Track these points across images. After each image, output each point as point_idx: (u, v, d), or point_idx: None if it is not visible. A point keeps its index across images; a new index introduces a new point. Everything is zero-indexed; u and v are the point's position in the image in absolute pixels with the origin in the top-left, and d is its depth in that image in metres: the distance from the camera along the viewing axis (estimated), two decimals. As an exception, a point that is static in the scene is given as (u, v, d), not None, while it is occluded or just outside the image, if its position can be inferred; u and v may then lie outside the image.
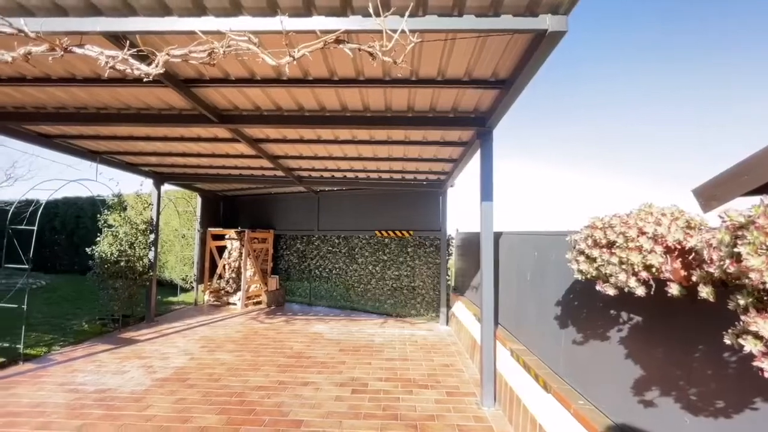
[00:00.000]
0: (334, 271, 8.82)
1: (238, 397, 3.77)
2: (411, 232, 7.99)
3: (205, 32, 2.15)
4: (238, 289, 8.71)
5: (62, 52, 2.27)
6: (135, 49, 2.24)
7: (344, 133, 4.39)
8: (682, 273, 1.45)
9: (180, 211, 9.53)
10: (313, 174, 6.73)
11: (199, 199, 8.90)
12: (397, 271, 8.21)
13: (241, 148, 5.12)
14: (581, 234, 1.84)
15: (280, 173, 6.58)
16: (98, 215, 6.74)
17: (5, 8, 2.20)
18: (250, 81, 3.07)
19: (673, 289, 1.42)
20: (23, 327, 4.92)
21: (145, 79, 2.35)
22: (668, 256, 1.49)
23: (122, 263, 6.29)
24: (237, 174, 6.80)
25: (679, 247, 1.49)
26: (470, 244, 6.04)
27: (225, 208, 9.65)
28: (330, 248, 8.90)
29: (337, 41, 2.21)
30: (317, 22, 2.16)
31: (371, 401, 3.76)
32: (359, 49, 2.22)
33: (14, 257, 5.49)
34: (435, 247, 7.97)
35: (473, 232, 5.78)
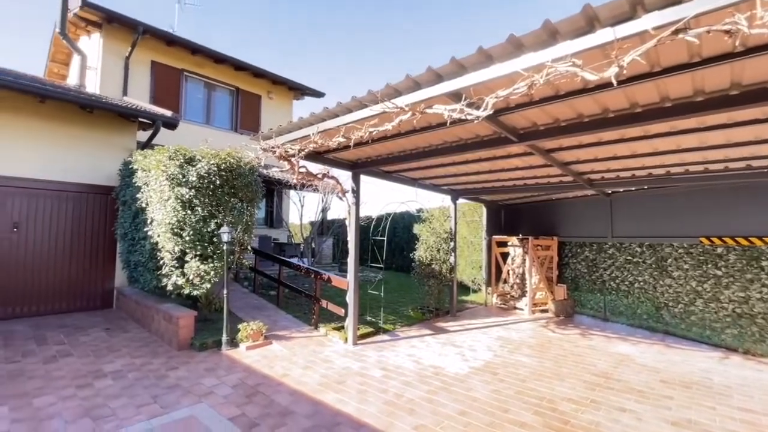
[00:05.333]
0: (635, 285, 7.52)
1: (548, 403, 3.88)
2: None
3: (525, 69, 2.45)
4: (522, 294, 8.94)
5: (420, 115, 3.15)
6: (467, 100, 2.82)
7: (660, 127, 3.73)
8: None
9: (468, 221, 10.85)
10: (607, 175, 6.06)
11: (484, 210, 9.82)
12: (743, 292, 6.05)
13: (531, 160, 5.30)
14: None
15: (567, 179, 6.33)
16: (410, 226, 8.68)
17: (387, 94, 3.26)
18: (553, 98, 3.18)
19: None
20: (381, 308, 6.98)
21: (475, 122, 2.92)
22: None
23: (433, 266, 7.82)
24: (522, 184, 7.06)
25: None
26: None
27: (506, 216, 10.18)
28: (629, 258, 7.66)
29: (675, 32, 1.98)
30: (647, 22, 2.00)
31: (727, 458, 2.96)
32: (708, 32, 1.90)
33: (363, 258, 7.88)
34: (819, 261, 5.36)
35: None
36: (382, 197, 30.36)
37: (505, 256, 9.51)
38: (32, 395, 3.67)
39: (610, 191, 7.67)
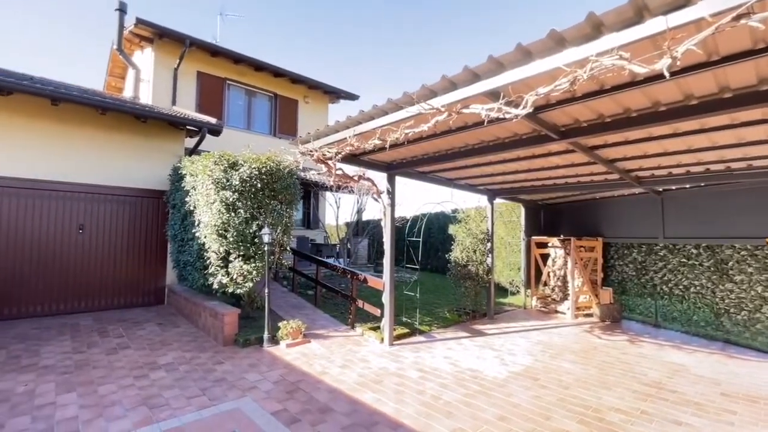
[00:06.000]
0: (691, 289, 7.00)
1: (594, 412, 3.71)
2: None
3: (567, 64, 2.36)
4: (564, 297, 8.59)
5: (456, 115, 3.12)
6: (505, 99, 2.76)
7: (718, 120, 3.47)
8: None
9: (505, 221, 10.58)
10: (658, 173, 5.69)
11: (522, 210, 9.53)
12: (819, 299, 5.48)
13: (572, 157, 5.09)
14: None
15: (612, 177, 6.01)
16: (445, 227, 8.59)
17: (422, 95, 3.25)
18: (597, 93, 3.04)
19: None
20: (417, 309, 6.96)
21: (513, 120, 2.86)
22: None
23: (469, 267, 7.69)
24: (563, 183, 6.79)
25: None
26: None
27: (545, 217, 9.82)
28: (683, 260, 7.15)
29: (736, 18, 1.83)
30: (703, 8, 1.86)
31: (802, 482, 2.69)
32: (776, 16, 1.75)
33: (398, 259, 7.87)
34: None
35: None
36: (417, 198, 30.24)
37: (545, 257, 9.18)
38: (96, 383, 4.00)
39: (661, 189, 7.20)
